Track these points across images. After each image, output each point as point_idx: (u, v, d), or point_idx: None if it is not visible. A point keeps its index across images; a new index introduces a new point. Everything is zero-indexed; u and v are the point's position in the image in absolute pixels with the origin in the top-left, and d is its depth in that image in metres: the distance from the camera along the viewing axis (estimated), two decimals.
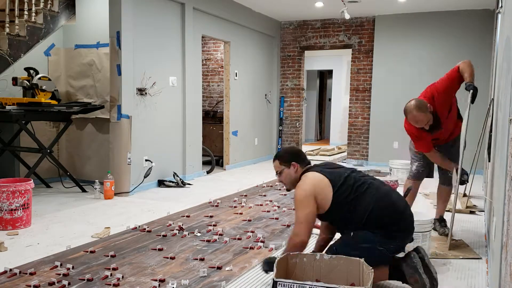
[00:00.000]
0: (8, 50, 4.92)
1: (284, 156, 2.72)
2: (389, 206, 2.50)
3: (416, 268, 2.45)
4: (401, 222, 2.51)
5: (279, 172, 2.71)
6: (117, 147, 5.16)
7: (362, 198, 2.50)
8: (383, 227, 2.46)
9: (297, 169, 2.68)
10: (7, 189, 3.69)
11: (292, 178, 2.68)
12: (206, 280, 2.74)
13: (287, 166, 2.68)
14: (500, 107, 2.77)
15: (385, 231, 2.46)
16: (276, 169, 2.74)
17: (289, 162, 2.68)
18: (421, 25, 7.61)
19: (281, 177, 2.72)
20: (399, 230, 2.50)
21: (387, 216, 2.48)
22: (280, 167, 2.71)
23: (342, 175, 2.58)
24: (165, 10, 5.76)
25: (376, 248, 2.45)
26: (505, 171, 1.90)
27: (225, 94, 7.34)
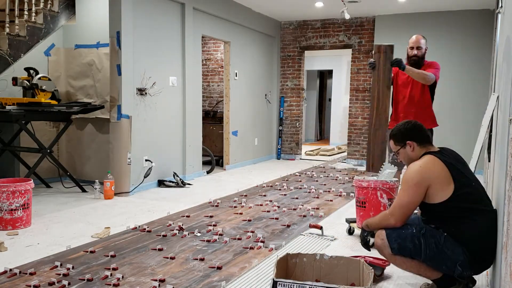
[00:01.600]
0: (8, 50, 4.93)
1: (397, 135, 2.49)
2: (491, 241, 2.23)
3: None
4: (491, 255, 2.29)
5: (396, 151, 2.52)
6: (117, 147, 5.16)
7: (478, 215, 2.27)
8: (474, 251, 2.26)
9: (413, 148, 2.44)
10: (7, 189, 3.69)
11: (410, 158, 2.45)
12: (206, 280, 2.74)
13: (402, 145, 2.47)
14: (500, 107, 2.77)
15: (474, 255, 2.27)
16: (393, 149, 2.55)
17: (403, 141, 2.46)
18: (421, 25, 7.61)
19: (400, 157, 2.53)
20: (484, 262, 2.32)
21: (485, 250, 2.26)
22: (395, 147, 2.51)
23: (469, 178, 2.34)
24: (165, 10, 5.76)
25: (455, 266, 2.27)
26: (505, 171, 1.90)
27: (225, 94, 7.34)
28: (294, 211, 4.56)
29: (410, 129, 2.49)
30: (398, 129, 2.53)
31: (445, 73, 7.42)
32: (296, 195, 5.32)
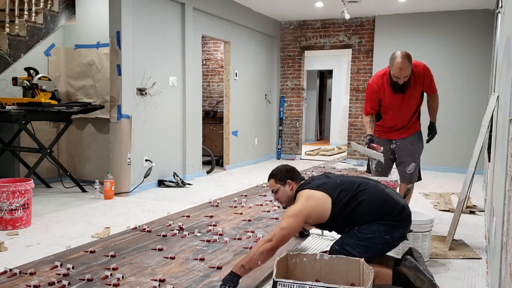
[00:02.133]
0: (8, 50, 4.92)
1: (280, 174, 2.74)
2: (388, 202, 2.55)
3: (417, 267, 2.46)
4: (401, 213, 2.55)
5: (275, 190, 2.74)
6: (117, 147, 5.16)
7: (361, 199, 2.54)
8: (384, 218, 2.52)
9: (292, 187, 2.71)
10: (7, 189, 3.69)
11: (288, 195, 2.71)
12: (206, 280, 2.74)
13: (282, 184, 2.72)
14: (500, 107, 2.77)
15: (387, 221, 2.51)
16: (271, 188, 2.76)
17: (284, 180, 2.71)
18: (421, 25, 7.61)
19: (277, 195, 2.75)
20: (400, 219, 2.54)
21: (387, 210, 2.53)
22: (275, 185, 2.73)
23: (337, 183, 2.62)
24: (165, 10, 5.76)
25: (382, 237, 2.49)
26: (505, 171, 1.90)
27: (225, 94, 7.34)
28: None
29: (290, 170, 2.78)
30: (280, 169, 2.77)
31: (445, 73, 7.44)
32: None
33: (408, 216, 2.59)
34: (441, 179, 6.82)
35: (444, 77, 7.39)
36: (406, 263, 2.49)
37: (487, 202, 4.06)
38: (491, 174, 3.39)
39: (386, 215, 2.52)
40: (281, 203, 2.78)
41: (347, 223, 2.58)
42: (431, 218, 3.14)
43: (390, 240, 2.51)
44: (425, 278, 2.43)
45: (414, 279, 2.45)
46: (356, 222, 2.55)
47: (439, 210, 4.67)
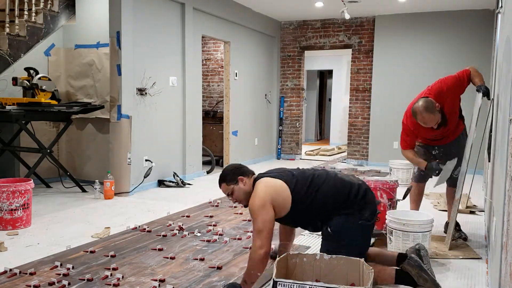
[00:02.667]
0: (8, 50, 4.93)
1: (228, 175, 2.62)
2: (345, 185, 2.55)
3: (421, 266, 2.44)
4: (359, 191, 2.53)
5: (230, 193, 2.62)
6: (117, 147, 5.16)
7: (319, 187, 2.53)
8: (346, 205, 2.50)
9: (245, 182, 2.60)
10: (7, 189, 3.69)
11: (244, 192, 2.60)
12: (206, 280, 2.74)
13: (234, 183, 2.60)
14: (500, 107, 2.77)
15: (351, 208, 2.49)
16: (225, 192, 2.64)
17: (235, 179, 2.60)
18: (421, 25, 7.61)
19: (234, 197, 2.63)
20: (360, 199, 2.52)
21: (347, 194, 2.51)
22: (228, 187, 2.61)
23: (292, 173, 2.61)
24: (165, 10, 5.76)
25: (356, 225, 2.47)
26: (505, 171, 1.90)
27: (225, 94, 7.34)
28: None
29: (237, 168, 2.68)
30: (226, 171, 2.67)
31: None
32: None
33: (367, 191, 2.56)
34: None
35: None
36: (410, 261, 2.47)
37: (487, 202, 4.06)
38: (491, 174, 3.39)
39: (346, 199, 2.50)
40: (240, 202, 2.65)
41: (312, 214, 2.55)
42: (431, 218, 3.14)
43: (364, 223, 2.49)
44: (428, 277, 2.42)
45: (417, 278, 2.43)
46: (320, 211, 2.53)
47: (439, 210, 4.67)
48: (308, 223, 2.67)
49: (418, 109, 3.28)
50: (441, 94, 3.38)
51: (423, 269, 2.43)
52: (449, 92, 3.41)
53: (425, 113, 3.25)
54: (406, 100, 7.71)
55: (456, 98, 3.48)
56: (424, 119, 3.28)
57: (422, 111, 3.25)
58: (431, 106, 3.25)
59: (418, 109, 3.29)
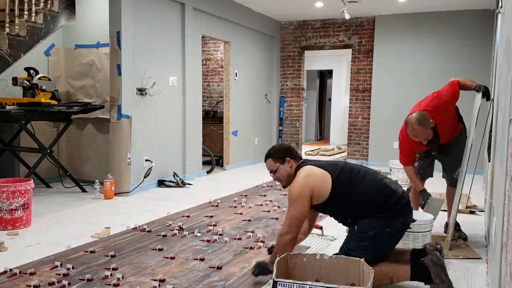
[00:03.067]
0: (8, 50, 4.93)
1: (277, 153, 2.70)
2: (386, 189, 2.55)
3: (443, 266, 2.42)
4: (400, 201, 2.53)
5: (274, 170, 2.69)
6: (117, 147, 5.16)
7: (360, 184, 2.54)
8: (382, 209, 2.50)
9: (291, 164, 2.67)
10: (7, 189, 3.68)
11: (288, 174, 2.67)
12: (206, 280, 2.74)
13: (281, 162, 2.67)
14: (500, 107, 2.77)
15: (386, 213, 2.49)
16: (270, 168, 2.71)
17: (283, 159, 2.67)
18: (421, 25, 7.61)
19: (276, 175, 2.70)
20: (399, 208, 2.51)
21: (385, 199, 2.51)
22: (274, 164, 2.69)
23: (338, 165, 2.64)
24: (165, 10, 5.76)
25: (383, 231, 2.47)
26: (505, 171, 1.90)
27: (225, 94, 7.34)
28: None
29: (288, 148, 2.77)
30: (276, 149, 2.76)
31: (445, 73, 7.43)
32: None
33: (407, 204, 2.56)
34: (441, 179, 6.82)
35: (444, 77, 7.37)
36: (433, 258, 2.45)
37: (487, 202, 4.06)
38: (491, 174, 3.39)
39: (384, 203, 2.50)
40: (280, 181, 2.73)
41: (346, 208, 2.58)
42: (431, 218, 3.14)
43: (392, 233, 2.49)
44: (446, 279, 2.40)
45: (434, 276, 2.41)
46: (354, 208, 2.54)
47: (440, 210, 4.66)
48: (340, 215, 2.69)
49: (411, 120, 3.23)
50: (438, 109, 3.33)
51: (444, 270, 2.42)
52: (446, 107, 3.37)
53: (417, 125, 3.19)
54: (406, 100, 7.73)
55: (453, 109, 3.47)
56: (415, 131, 3.22)
57: (414, 123, 3.20)
58: (424, 120, 3.19)
59: (410, 120, 3.24)
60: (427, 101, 3.41)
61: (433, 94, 3.44)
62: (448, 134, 3.48)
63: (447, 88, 3.42)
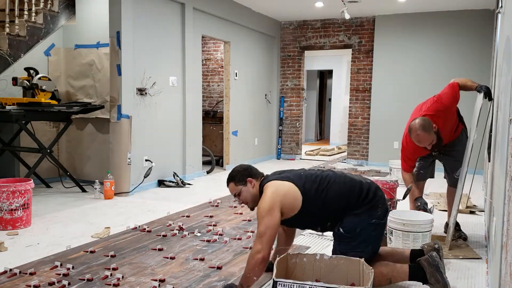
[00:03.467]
0: (8, 50, 4.92)
1: (237, 176, 2.58)
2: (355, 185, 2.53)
3: (438, 267, 2.43)
4: (369, 190, 2.52)
5: (237, 193, 2.59)
6: (117, 147, 5.16)
7: (329, 188, 2.50)
8: (358, 205, 2.48)
9: (253, 184, 2.57)
10: (7, 189, 3.69)
11: (252, 194, 2.57)
12: (206, 280, 2.74)
13: (243, 184, 2.57)
14: (500, 107, 2.77)
15: (363, 207, 2.48)
16: (233, 192, 2.60)
17: (244, 180, 2.57)
18: (421, 25, 7.62)
19: (241, 198, 2.60)
20: (373, 197, 2.51)
21: (357, 194, 2.50)
22: (236, 188, 2.58)
23: (301, 174, 2.57)
24: (165, 10, 5.76)
25: (369, 223, 2.47)
26: (505, 171, 1.90)
27: (225, 94, 7.34)
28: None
29: (247, 169, 2.65)
30: (235, 171, 2.63)
31: (445, 73, 7.44)
32: None
33: (377, 190, 2.55)
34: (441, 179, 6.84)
35: (444, 77, 7.39)
36: (429, 259, 2.46)
37: (487, 202, 4.06)
38: (491, 174, 3.39)
39: (357, 199, 2.48)
40: (247, 204, 2.63)
41: (321, 215, 2.54)
42: (431, 218, 3.14)
43: (377, 222, 2.49)
44: (441, 279, 2.40)
45: (429, 276, 2.42)
46: (330, 212, 2.51)
47: (439, 210, 4.67)
48: (317, 223, 2.65)
49: (414, 126, 3.22)
50: (439, 113, 3.33)
51: (439, 270, 2.42)
52: (447, 110, 3.37)
53: (421, 131, 3.19)
54: (406, 100, 7.73)
55: (454, 111, 3.47)
56: (419, 137, 3.22)
57: (418, 129, 3.19)
58: (428, 126, 3.19)
59: (414, 126, 3.22)
60: (428, 105, 3.40)
61: (434, 98, 3.42)
62: (449, 136, 3.48)
63: (447, 91, 3.40)
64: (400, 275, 2.48)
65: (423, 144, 3.27)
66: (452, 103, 3.39)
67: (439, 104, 3.35)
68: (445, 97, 3.38)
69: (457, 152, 3.53)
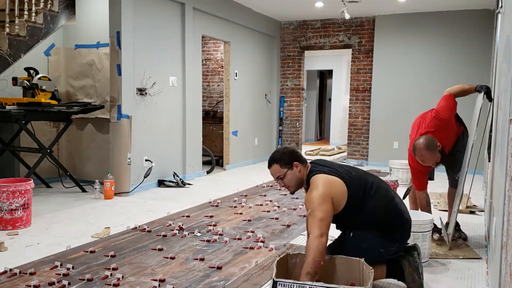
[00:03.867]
0: (8, 50, 4.93)
1: (283, 158, 2.53)
2: (395, 212, 2.48)
3: (418, 268, 2.47)
4: (404, 227, 2.50)
5: (281, 176, 2.52)
6: (117, 147, 5.16)
7: (371, 200, 2.45)
8: (385, 228, 2.46)
9: (300, 169, 2.52)
10: (7, 189, 3.68)
11: (298, 178, 2.52)
12: (206, 280, 2.74)
13: (289, 167, 2.51)
14: (500, 107, 2.77)
15: (386, 233, 2.45)
16: (277, 174, 2.54)
17: (290, 163, 2.51)
18: (421, 25, 7.61)
19: (284, 181, 2.54)
20: (401, 236, 2.50)
21: (392, 221, 2.46)
22: (281, 170, 2.52)
23: (351, 174, 2.50)
24: (165, 10, 5.76)
25: (377, 250, 2.45)
26: (505, 171, 1.90)
27: (225, 94, 7.34)
28: (294, 211, 4.56)
29: (294, 152, 2.61)
30: (281, 153, 2.58)
31: (445, 73, 7.44)
32: (296, 195, 5.31)
33: (408, 230, 2.54)
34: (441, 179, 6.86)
35: (444, 77, 7.39)
36: (410, 258, 2.49)
37: (487, 202, 4.06)
38: (491, 174, 3.39)
39: (389, 223, 2.45)
40: (288, 188, 2.56)
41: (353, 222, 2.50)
42: (431, 218, 3.14)
43: (383, 254, 2.48)
44: (418, 279, 2.45)
45: (407, 275, 2.46)
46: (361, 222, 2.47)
47: (439, 210, 4.67)
48: (344, 226, 2.60)
49: (419, 146, 3.19)
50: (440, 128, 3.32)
51: (418, 272, 2.47)
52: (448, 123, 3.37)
53: (425, 150, 3.16)
54: (406, 100, 7.74)
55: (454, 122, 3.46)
56: (423, 157, 3.19)
57: (422, 148, 3.17)
58: (432, 145, 3.17)
59: (418, 145, 3.20)
60: (427, 121, 3.38)
61: (432, 114, 3.40)
62: (452, 143, 3.49)
63: (443, 103, 3.39)
64: (378, 274, 2.50)
65: (427, 163, 3.26)
66: (451, 115, 3.39)
67: (438, 120, 3.34)
68: (442, 111, 3.36)
69: (458, 153, 3.53)
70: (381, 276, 2.54)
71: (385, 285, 2.71)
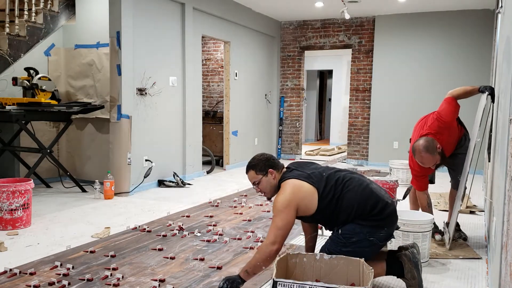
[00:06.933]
0: (8, 50, 4.92)
1: (259, 165, 2.58)
2: (371, 197, 2.48)
3: (417, 264, 2.48)
4: (387, 211, 2.49)
5: (257, 182, 2.59)
6: (117, 147, 5.16)
7: (346, 194, 2.48)
8: (367, 217, 2.46)
9: (274, 175, 2.57)
10: (7, 189, 3.68)
11: (272, 185, 2.58)
12: (206, 280, 2.74)
13: (264, 174, 2.57)
14: (500, 107, 2.77)
15: (371, 221, 2.46)
16: (252, 180, 2.60)
17: (265, 170, 2.57)
18: (421, 25, 7.62)
19: (259, 187, 2.60)
20: (384, 218, 2.48)
21: (370, 207, 2.46)
22: (256, 176, 2.58)
23: (323, 176, 2.53)
24: (165, 10, 5.76)
25: (366, 239, 2.45)
26: (505, 171, 1.90)
27: (225, 94, 7.34)
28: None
29: (270, 159, 2.63)
30: (258, 160, 2.62)
31: (445, 73, 7.44)
32: None
33: (393, 213, 2.52)
34: (441, 179, 6.86)
35: (444, 77, 7.40)
36: (410, 254, 2.50)
37: (487, 202, 4.06)
38: (491, 174, 3.39)
39: (370, 211, 2.45)
40: (264, 194, 2.63)
41: (332, 219, 2.53)
42: (431, 218, 3.14)
43: (375, 241, 2.47)
44: (417, 276, 2.46)
45: (407, 272, 2.47)
46: (340, 216, 2.50)
47: (439, 210, 4.67)
48: (327, 224, 2.66)
49: (418, 148, 3.20)
50: (442, 130, 3.33)
51: (418, 268, 2.48)
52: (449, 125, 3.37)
53: (424, 152, 3.17)
54: (406, 100, 7.75)
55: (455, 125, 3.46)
56: (423, 159, 3.20)
57: (422, 150, 3.17)
58: (432, 147, 3.17)
59: (418, 147, 3.20)
60: (429, 123, 3.38)
61: (434, 116, 3.40)
62: (453, 145, 3.49)
63: (445, 106, 3.39)
64: (378, 271, 2.51)
65: (427, 165, 3.26)
66: (453, 118, 3.39)
67: (440, 122, 3.35)
68: (444, 113, 3.37)
69: (460, 155, 3.53)
70: (380, 273, 2.55)
71: (385, 283, 2.71)
